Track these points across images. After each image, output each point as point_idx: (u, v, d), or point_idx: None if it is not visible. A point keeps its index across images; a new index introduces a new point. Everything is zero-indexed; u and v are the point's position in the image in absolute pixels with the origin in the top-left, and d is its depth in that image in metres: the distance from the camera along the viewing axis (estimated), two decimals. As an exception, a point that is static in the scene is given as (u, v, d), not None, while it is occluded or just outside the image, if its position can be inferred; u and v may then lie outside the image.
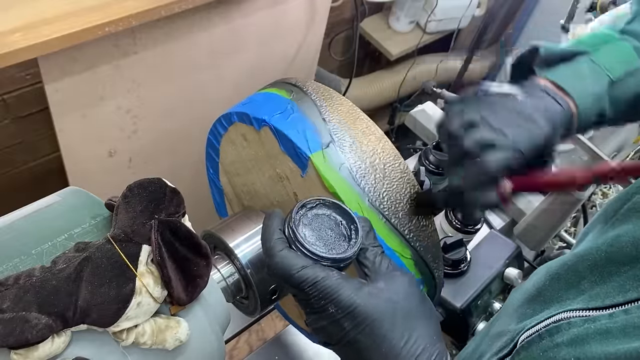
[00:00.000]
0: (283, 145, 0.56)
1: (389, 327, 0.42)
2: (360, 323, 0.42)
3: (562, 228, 1.02)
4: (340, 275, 0.44)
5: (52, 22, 0.99)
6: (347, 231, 0.47)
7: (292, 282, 0.43)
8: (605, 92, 0.53)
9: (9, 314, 0.37)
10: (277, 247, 0.44)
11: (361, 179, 0.53)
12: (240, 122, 0.62)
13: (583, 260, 0.42)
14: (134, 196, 0.45)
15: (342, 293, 0.42)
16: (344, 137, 0.54)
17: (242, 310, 0.66)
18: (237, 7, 1.30)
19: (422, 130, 1.13)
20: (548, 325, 0.39)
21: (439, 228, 0.93)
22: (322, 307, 0.43)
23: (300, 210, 0.46)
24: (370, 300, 0.43)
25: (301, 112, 0.56)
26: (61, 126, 1.18)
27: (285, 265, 0.43)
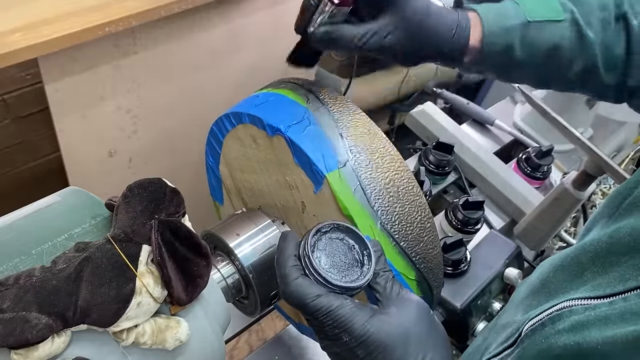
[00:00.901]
0: (297, 157, 0.56)
1: (401, 353, 0.43)
2: (373, 351, 0.43)
3: (562, 228, 1.02)
4: (354, 304, 0.44)
5: (52, 22, 0.99)
6: (359, 256, 0.48)
7: (307, 310, 0.44)
8: (517, 28, 0.55)
9: (9, 314, 0.37)
10: (292, 275, 0.45)
11: (375, 201, 0.53)
12: (251, 124, 0.61)
13: (585, 252, 0.42)
14: (134, 196, 0.45)
15: (355, 322, 0.43)
16: (360, 157, 0.54)
17: (242, 310, 0.66)
18: (236, 7, 1.30)
19: (422, 130, 1.13)
20: (551, 313, 0.40)
21: (439, 228, 0.93)
22: (336, 336, 0.44)
23: (316, 235, 0.47)
24: (383, 328, 0.44)
25: (318, 124, 0.56)
26: (61, 126, 1.18)
27: (300, 294, 0.44)
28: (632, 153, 1.33)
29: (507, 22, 0.55)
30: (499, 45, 0.55)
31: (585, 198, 0.91)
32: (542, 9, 0.56)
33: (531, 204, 1.01)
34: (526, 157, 1.08)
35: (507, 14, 0.55)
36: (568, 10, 0.55)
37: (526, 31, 0.55)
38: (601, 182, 1.23)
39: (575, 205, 0.91)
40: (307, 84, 0.61)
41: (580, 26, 0.55)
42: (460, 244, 0.82)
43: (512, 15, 0.55)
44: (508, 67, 0.58)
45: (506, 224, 1.05)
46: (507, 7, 0.56)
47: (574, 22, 0.55)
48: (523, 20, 0.55)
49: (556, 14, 0.55)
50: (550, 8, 0.56)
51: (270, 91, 0.63)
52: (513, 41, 0.55)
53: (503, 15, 0.55)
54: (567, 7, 0.55)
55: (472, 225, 0.89)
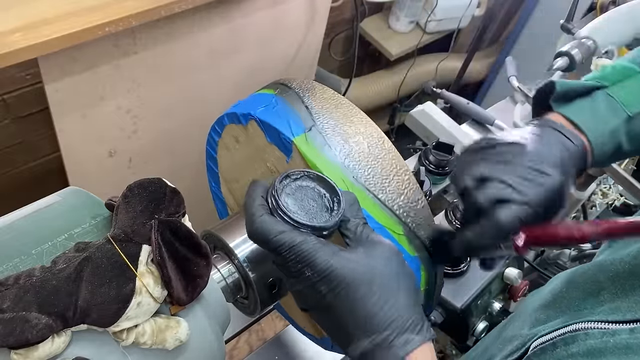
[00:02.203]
0: (269, 135, 0.57)
1: (365, 292, 0.42)
2: (335, 287, 0.42)
3: (562, 228, 1.01)
4: (318, 241, 0.44)
5: (52, 22, 0.99)
6: (330, 203, 0.47)
7: (270, 245, 0.44)
8: (621, 127, 0.52)
9: (9, 314, 0.37)
10: (258, 212, 0.45)
11: (344, 157, 0.53)
12: (231, 123, 0.63)
13: (604, 271, 0.41)
14: (134, 196, 0.45)
15: (318, 257, 0.42)
16: (326, 120, 0.55)
17: (242, 310, 0.66)
18: (237, 7, 1.30)
19: (422, 130, 1.13)
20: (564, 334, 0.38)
21: (439, 228, 0.93)
22: (299, 271, 0.43)
23: (284, 180, 0.47)
24: (347, 265, 0.43)
25: (285, 103, 0.57)
26: (61, 126, 1.18)
27: (264, 230, 0.44)
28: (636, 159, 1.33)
29: (609, 125, 0.52)
30: (607, 149, 0.53)
31: (585, 198, 0.91)
32: (635, 95, 0.53)
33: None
34: (526, 157, 1.08)
35: (604, 114, 0.53)
36: None
37: (630, 125, 0.53)
38: (601, 182, 1.23)
39: (575, 205, 0.91)
40: (284, 80, 0.63)
41: None
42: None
43: (610, 114, 0.53)
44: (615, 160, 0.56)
45: (506, 224, 1.05)
46: (601, 105, 0.53)
47: None
48: (624, 117, 0.52)
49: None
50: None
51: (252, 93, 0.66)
52: (620, 140, 0.53)
53: (602, 119, 0.52)
54: None
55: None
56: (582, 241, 0.44)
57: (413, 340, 0.42)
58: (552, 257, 1.12)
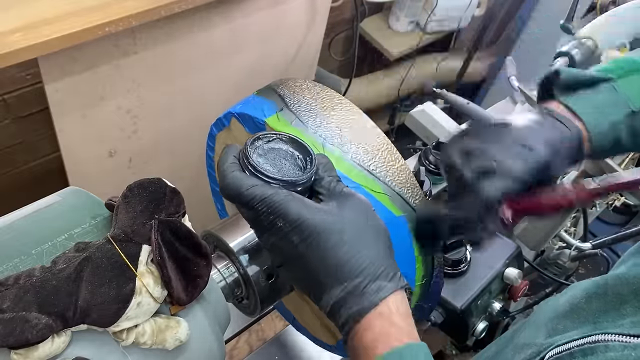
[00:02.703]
0: (247, 126, 0.59)
1: (337, 241, 0.42)
2: (307, 237, 0.42)
3: (562, 228, 1.02)
4: (289, 193, 0.44)
5: (52, 22, 0.99)
6: (303, 163, 0.47)
7: (242, 199, 0.44)
8: (622, 121, 0.52)
9: (9, 314, 0.37)
10: (230, 169, 0.45)
11: (317, 127, 0.55)
12: (218, 131, 0.66)
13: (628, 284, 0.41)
14: (134, 196, 0.45)
15: (290, 207, 0.43)
16: (297, 101, 0.57)
17: (242, 310, 0.66)
18: (237, 7, 1.30)
19: (422, 130, 1.12)
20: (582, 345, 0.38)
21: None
22: (271, 223, 0.43)
23: (256, 141, 0.47)
24: (318, 215, 0.43)
25: (260, 96, 0.60)
26: (61, 126, 1.18)
27: (235, 185, 0.44)
28: (632, 153, 1.33)
29: (609, 118, 0.52)
30: (606, 141, 0.52)
31: (585, 198, 0.91)
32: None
33: (531, 204, 1.01)
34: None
35: (606, 107, 0.52)
36: None
37: (631, 120, 0.52)
38: (601, 182, 1.23)
39: (575, 205, 0.91)
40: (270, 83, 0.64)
41: None
42: (460, 244, 0.82)
43: (612, 107, 0.52)
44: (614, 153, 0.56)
45: (506, 224, 1.05)
46: (605, 98, 0.53)
47: None
48: (627, 111, 0.52)
49: None
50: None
51: None
52: (619, 134, 0.52)
53: (603, 111, 0.52)
54: None
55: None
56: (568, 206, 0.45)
57: (385, 287, 0.42)
58: (552, 257, 1.11)
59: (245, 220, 0.47)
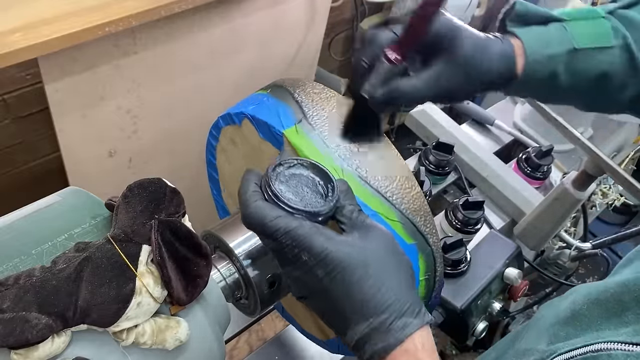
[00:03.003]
0: (261, 131, 0.58)
1: (361, 276, 0.42)
2: (332, 270, 0.42)
3: (562, 228, 1.01)
4: (314, 225, 0.44)
5: (52, 22, 0.99)
6: (324, 190, 0.47)
7: (266, 231, 0.43)
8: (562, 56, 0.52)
9: (9, 314, 0.37)
10: (253, 198, 0.44)
11: (336, 149, 0.54)
12: (226, 125, 0.64)
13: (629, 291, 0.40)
14: (134, 196, 0.45)
15: (314, 240, 0.42)
16: (315, 113, 0.56)
17: (242, 310, 0.66)
18: (237, 7, 1.30)
19: (422, 130, 1.13)
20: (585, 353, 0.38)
21: (439, 228, 0.93)
22: (296, 256, 0.43)
23: (278, 167, 0.47)
24: (343, 248, 0.43)
25: (275, 98, 0.58)
26: (61, 126, 1.18)
27: (259, 215, 0.43)
28: (632, 153, 1.34)
29: (550, 50, 0.52)
30: (541, 72, 0.52)
31: (585, 198, 0.91)
32: (591, 35, 0.52)
33: (531, 204, 1.01)
34: (526, 157, 1.08)
35: (551, 39, 0.52)
36: (620, 36, 0.52)
37: (572, 58, 0.52)
38: (601, 182, 1.23)
39: (575, 205, 0.91)
40: (278, 81, 0.63)
41: (633, 53, 0.52)
42: (460, 244, 0.82)
43: (557, 41, 0.52)
44: (551, 93, 0.56)
45: (506, 224, 1.05)
46: (551, 32, 0.53)
47: (625, 48, 0.52)
48: (569, 47, 0.52)
49: (606, 40, 0.52)
50: (600, 34, 0.52)
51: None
52: (557, 68, 0.52)
53: (546, 42, 0.52)
54: (620, 32, 0.52)
55: (472, 225, 0.89)
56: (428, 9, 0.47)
57: (411, 323, 0.42)
58: (552, 257, 1.11)
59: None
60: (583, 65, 0.52)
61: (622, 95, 0.54)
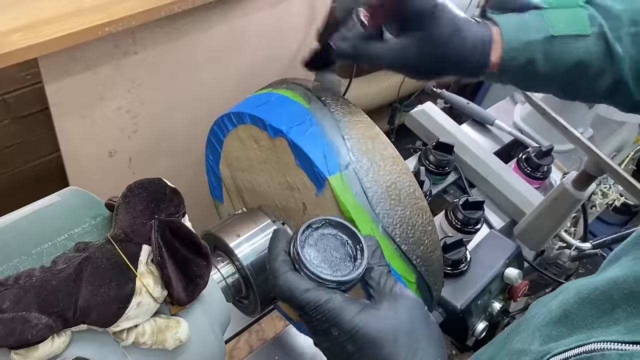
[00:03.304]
0: (299, 159, 0.56)
1: (391, 350, 0.42)
2: (362, 346, 0.42)
3: (562, 228, 1.01)
4: (344, 298, 0.44)
5: (52, 22, 0.99)
6: (352, 251, 0.47)
7: (296, 304, 0.44)
8: (539, 43, 0.52)
9: (9, 314, 0.37)
10: (282, 269, 0.45)
11: (377, 204, 0.53)
12: (253, 124, 0.61)
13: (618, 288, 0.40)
14: (134, 196, 0.45)
15: (344, 316, 0.42)
16: (362, 159, 0.54)
17: (242, 310, 0.66)
18: (237, 7, 1.30)
19: (422, 130, 1.13)
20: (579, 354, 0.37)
21: (439, 228, 0.93)
22: (325, 330, 0.43)
23: (306, 231, 0.47)
24: (372, 323, 0.43)
25: (320, 125, 0.55)
26: (61, 126, 1.18)
27: (289, 288, 0.44)
28: (632, 153, 1.34)
29: (527, 36, 0.52)
30: (518, 59, 0.53)
31: (585, 198, 0.91)
32: (568, 23, 0.53)
33: (531, 204, 1.01)
34: (526, 157, 1.08)
35: (529, 27, 0.53)
36: (596, 24, 0.52)
37: (549, 45, 0.52)
38: (601, 182, 1.23)
39: (575, 205, 0.91)
40: (308, 83, 0.61)
41: (609, 41, 0.52)
42: (460, 244, 0.82)
43: (534, 28, 0.53)
44: (530, 80, 0.56)
45: (506, 224, 1.05)
46: (529, 19, 0.53)
47: (601, 36, 0.52)
48: (546, 34, 0.52)
49: (582, 28, 0.52)
50: (577, 22, 0.53)
51: (271, 91, 0.62)
52: (534, 56, 0.52)
53: (524, 29, 0.53)
54: (596, 20, 0.53)
55: (472, 225, 0.89)
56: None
57: None
58: (552, 257, 1.11)
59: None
60: (560, 53, 0.53)
61: (599, 84, 0.54)
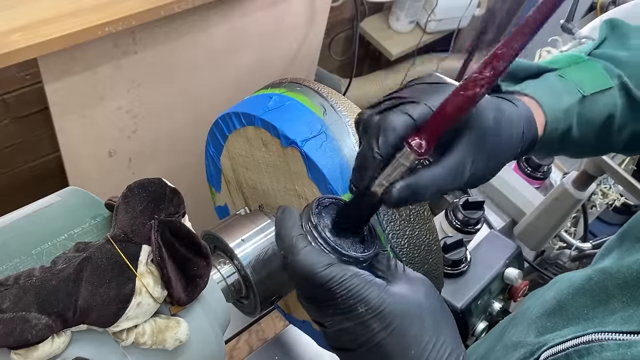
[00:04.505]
0: (312, 173, 0.55)
1: (418, 329, 0.40)
2: (390, 324, 0.40)
3: (562, 228, 1.02)
4: (369, 274, 0.41)
5: (52, 22, 0.99)
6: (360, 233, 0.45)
7: (317, 281, 0.40)
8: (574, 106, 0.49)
9: (9, 314, 0.37)
10: (300, 243, 0.41)
11: (387, 224, 0.52)
12: (264, 128, 0.59)
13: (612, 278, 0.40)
14: (134, 196, 0.45)
15: (372, 291, 0.40)
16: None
17: (242, 310, 0.66)
18: (237, 7, 1.30)
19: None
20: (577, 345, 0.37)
21: (439, 228, 0.93)
22: (350, 307, 0.40)
23: (318, 207, 0.44)
24: (400, 300, 0.40)
25: (335, 140, 0.54)
26: (61, 126, 1.18)
27: (309, 263, 0.40)
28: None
29: (564, 103, 0.49)
30: (560, 129, 0.49)
31: (585, 198, 0.91)
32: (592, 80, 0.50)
33: (531, 204, 1.01)
34: (526, 157, 1.08)
35: (559, 92, 0.49)
36: (615, 75, 0.51)
37: (582, 107, 0.49)
38: (601, 182, 1.23)
39: (575, 205, 0.91)
40: (322, 89, 0.59)
41: (630, 89, 0.50)
42: (460, 244, 0.82)
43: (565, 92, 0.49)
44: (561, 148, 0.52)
45: (506, 224, 1.05)
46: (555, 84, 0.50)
47: (622, 86, 0.50)
48: (578, 96, 0.49)
49: (605, 82, 0.50)
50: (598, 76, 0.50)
51: (284, 94, 0.60)
52: (572, 122, 0.49)
53: (557, 96, 0.49)
54: (613, 72, 0.51)
55: (472, 225, 0.89)
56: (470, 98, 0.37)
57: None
58: (552, 257, 1.12)
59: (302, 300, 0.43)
60: (591, 112, 0.50)
61: (620, 137, 0.52)
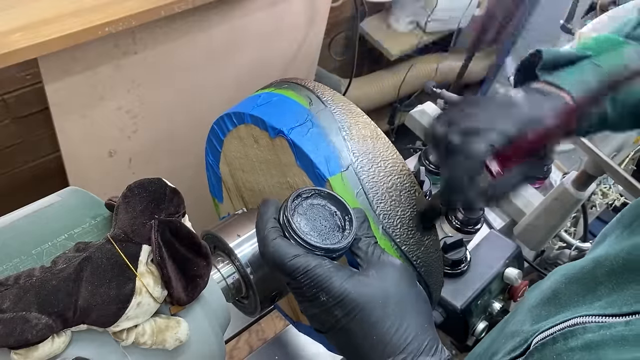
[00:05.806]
0: (300, 160, 0.56)
1: (380, 315, 0.43)
2: (351, 311, 0.43)
3: (562, 228, 1.02)
4: (332, 264, 0.44)
5: (52, 22, 0.99)
6: (341, 222, 0.47)
7: (285, 270, 0.44)
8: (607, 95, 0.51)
9: (9, 314, 0.37)
10: (271, 235, 0.45)
11: (377, 205, 0.53)
12: (253, 124, 0.61)
13: (601, 266, 0.41)
14: (134, 196, 0.45)
15: (333, 281, 0.43)
16: (363, 160, 0.54)
17: (242, 310, 0.66)
18: (236, 6, 1.30)
19: (422, 130, 1.12)
20: (563, 329, 0.39)
21: (439, 228, 0.93)
22: (314, 295, 0.43)
23: (296, 199, 0.47)
24: (361, 289, 0.43)
25: (320, 127, 0.55)
26: (61, 126, 1.18)
27: (278, 254, 0.44)
28: (632, 153, 1.33)
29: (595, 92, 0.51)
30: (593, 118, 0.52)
31: (585, 198, 0.91)
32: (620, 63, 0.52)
33: (531, 204, 1.01)
34: (526, 157, 1.08)
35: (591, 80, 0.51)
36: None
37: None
38: (601, 182, 1.23)
39: (575, 205, 0.91)
40: (309, 83, 0.61)
41: None
42: (460, 244, 0.82)
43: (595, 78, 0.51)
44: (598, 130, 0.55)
45: (506, 224, 1.05)
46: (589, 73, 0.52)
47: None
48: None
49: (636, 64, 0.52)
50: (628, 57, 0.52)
51: (272, 91, 0.62)
52: (605, 107, 0.52)
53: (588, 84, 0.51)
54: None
55: (472, 225, 0.89)
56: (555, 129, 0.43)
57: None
58: (552, 257, 1.12)
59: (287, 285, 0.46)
60: (625, 95, 0.52)
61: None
